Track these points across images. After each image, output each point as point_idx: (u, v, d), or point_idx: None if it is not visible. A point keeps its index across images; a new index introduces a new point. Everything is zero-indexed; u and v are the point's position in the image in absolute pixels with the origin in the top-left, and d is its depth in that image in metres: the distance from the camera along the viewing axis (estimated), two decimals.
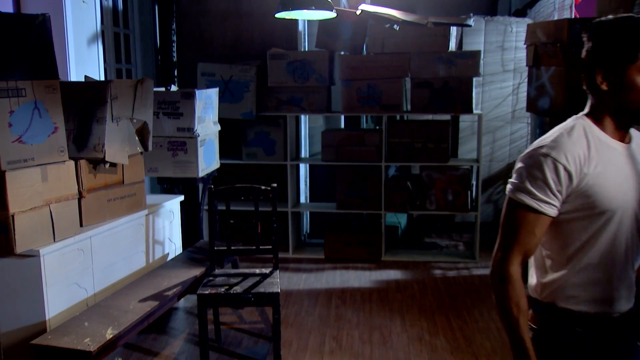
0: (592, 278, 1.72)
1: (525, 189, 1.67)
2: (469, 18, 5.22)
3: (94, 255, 3.53)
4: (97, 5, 4.47)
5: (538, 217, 1.67)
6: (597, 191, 1.65)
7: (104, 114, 3.48)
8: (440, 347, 3.83)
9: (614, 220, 1.68)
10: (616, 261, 1.71)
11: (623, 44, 1.60)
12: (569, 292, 1.74)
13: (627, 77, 1.61)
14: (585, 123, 1.71)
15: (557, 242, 1.75)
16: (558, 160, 1.64)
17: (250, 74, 5.43)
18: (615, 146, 1.70)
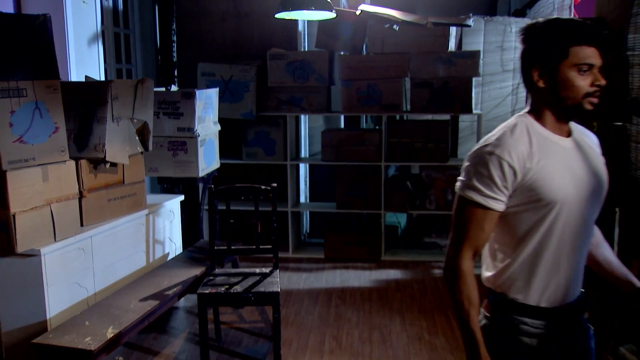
0: (540, 267, 1.77)
1: (473, 186, 1.74)
2: (468, 18, 5.23)
3: (94, 254, 3.54)
4: (98, 5, 4.48)
5: (486, 212, 1.74)
6: (540, 185, 1.71)
7: (105, 114, 3.49)
8: (440, 346, 3.84)
9: (559, 211, 1.73)
10: (563, 250, 1.77)
11: (554, 42, 1.69)
12: (519, 282, 1.80)
13: (561, 73, 1.70)
14: (527, 120, 1.79)
15: (505, 234, 1.81)
16: (502, 157, 1.70)
17: (250, 74, 5.44)
18: (557, 140, 1.78)
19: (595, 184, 1.80)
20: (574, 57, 1.68)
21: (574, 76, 1.69)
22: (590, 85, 1.70)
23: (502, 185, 1.71)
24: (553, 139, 1.77)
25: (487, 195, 1.72)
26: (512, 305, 1.81)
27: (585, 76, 1.69)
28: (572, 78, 1.69)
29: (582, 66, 1.69)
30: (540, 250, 1.76)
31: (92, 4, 4.41)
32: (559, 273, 1.78)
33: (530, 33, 1.76)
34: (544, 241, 1.76)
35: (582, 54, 1.68)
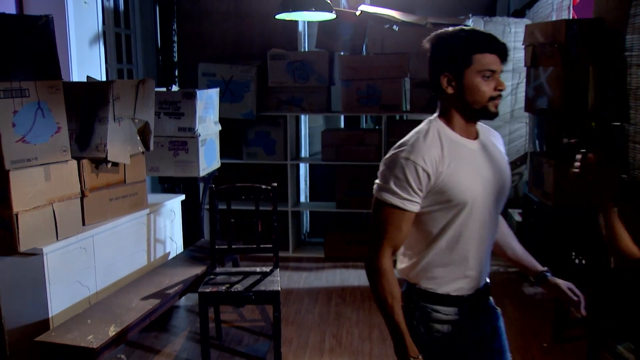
0: (451, 260, 1.91)
1: (390, 189, 1.83)
2: (467, 19, 5.26)
3: (96, 253, 3.57)
4: (99, 5, 4.51)
5: (403, 214, 1.84)
6: (451, 186, 1.83)
7: (106, 114, 3.52)
8: None
9: (468, 210, 1.86)
10: (472, 244, 1.91)
11: (459, 51, 1.81)
12: (431, 273, 1.93)
13: (466, 79, 1.82)
14: (438, 125, 1.90)
15: (419, 232, 1.93)
16: (417, 162, 1.80)
17: (250, 74, 5.47)
18: (465, 143, 1.90)
19: (500, 182, 1.95)
20: (477, 64, 1.80)
21: (478, 82, 1.81)
22: (494, 89, 1.83)
23: (417, 188, 1.82)
24: (462, 142, 1.90)
25: (404, 198, 1.82)
26: (425, 295, 1.94)
27: (489, 81, 1.82)
28: (477, 83, 1.81)
29: (485, 72, 1.81)
30: (451, 245, 1.90)
31: (93, 5, 4.44)
32: (468, 264, 1.93)
33: (438, 43, 1.87)
34: (455, 237, 1.89)
35: (485, 61, 1.80)
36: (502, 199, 1.98)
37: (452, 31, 1.87)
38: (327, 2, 3.69)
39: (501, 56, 1.85)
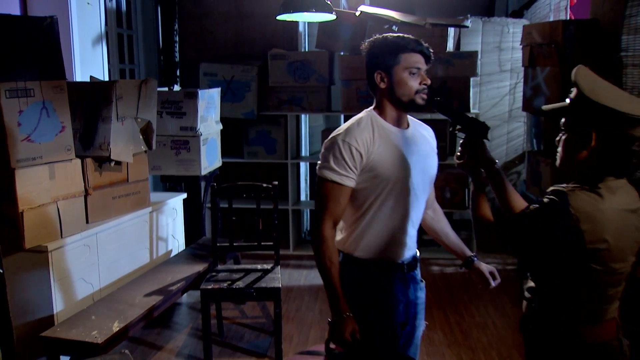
0: (379, 231, 2.20)
1: (330, 167, 2.14)
2: (466, 19, 5.30)
3: (99, 251, 3.62)
4: (102, 6, 4.56)
5: (341, 188, 2.14)
6: (379, 165, 2.14)
7: (110, 113, 3.57)
8: (438, 341, 3.92)
9: (394, 187, 2.16)
10: (397, 218, 2.20)
11: (389, 52, 2.13)
12: (362, 243, 2.22)
13: (395, 75, 2.14)
14: (372, 115, 2.21)
15: (353, 205, 2.21)
16: (351, 144, 2.12)
17: (251, 74, 5.52)
18: (395, 131, 2.20)
19: (424, 167, 2.26)
20: (404, 62, 2.12)
21: (406, 77, 2.13)
22: (419, 84, 2.14)
23: (352, 166, 2.13)
24: (392, 130, 2.20)
25: (341, 174, 2.13)
26: (357, 262, 2.24)
27: (415, 77, 2.13)
28: (404, 79, 2.13)
29: (411, 69, 2.13)
30: (379, 218, 2.19)
31: (96, 6, 4.49)
32: (394, 236, 2.21)
33: (372, 46, 2.19)
34: (382, 211, 2.18)
35: (411, 60, 2.13)
36: (426, 182, 2.29)
37: (384, 36, 2.19)
38: (327, 3, 3.73)
39: (425, 56, 2.16)
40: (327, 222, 2.15)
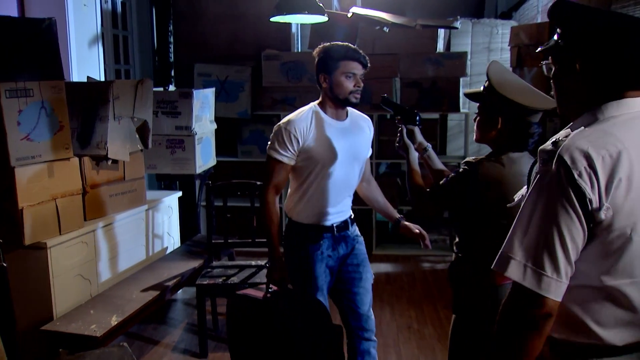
0: (316, 201, 2.74)
1: (274, 148, 2.67)
2: (455, 20, 5.41)
3: (97, 247, 3.68)
4: (98, 8, 4.63)
5: (282, 165, 2.68)
6: (312, 149, 2.65)
7: (107, 112, 3.64)
8: (428, 335, 4.01)
9: (324, 167, 2.68)
10: (330, 191, 2.72)
11: (331, 58, 2.62)
12: (303, 210, 2.77)
13: (335, 78, 2.62)
14: (315, 108, 2.72)
15: (294, 180, 2.79)
16: (290, 131, 2.64)
17: (245, 74, 5.61)
18: (331, 122, 2.71)
19: (354, 151, 2.76)
20: (342, 68, 2.61)
21: (343, 80, 2.61)
22: (354, 86, 2.62)
23: (291, 148, 2.65)
24: (328, 121, 2.70)
25: (282, 154, 2.65)
26: (299, 226, 2.79)
27: (350, 80, 2.62)
28: (341, 81, 2.61)
29: (348, 74, 2.61)
30: (315, 190, 2.72)
31: (92, 7, 4.56)
32: (328, 204, 2.74)
33: (319, 52, 2.68)
34: (317, 185, 2.71)
35: (348, 66, 2.61)
36: (356, 164, 2.80)
37: (330, 44, 2.67)
38: (319, 5, 3.82)
39: (362, 63, 2.64)
40: (270, 190, 2.72)
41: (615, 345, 1.38)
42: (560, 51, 1.47)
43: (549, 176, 1.32)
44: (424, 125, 2.73)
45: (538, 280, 1.31)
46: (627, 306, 1.36)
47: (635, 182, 1.30)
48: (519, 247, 1.34)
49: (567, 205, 1.29)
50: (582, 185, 1.28)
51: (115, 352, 2.79)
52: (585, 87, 1.43)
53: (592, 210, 1.29)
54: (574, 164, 1.29)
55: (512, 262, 1.34)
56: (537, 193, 1.35)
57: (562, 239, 1.30)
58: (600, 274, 1.35)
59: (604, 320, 1.37)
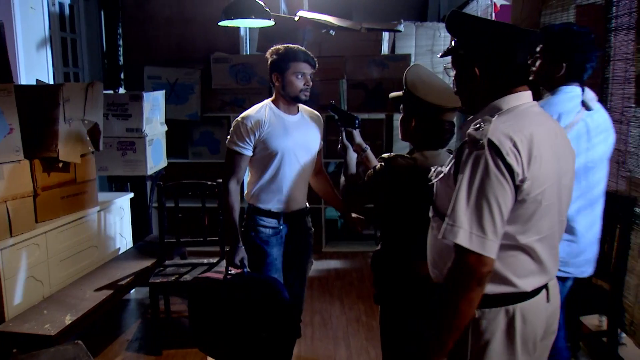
0: (273, 187, 2.99)
1: (233, 141, 2.93)
2: (399, 24, 5.60)
3: (49, 249, 3.70)
4: (45, 11, 4.63)
5: (241, 156, 2.94)
6: (268, 141, 2.91)
7: (57, 115, 3.66)
8: (376, 327, 4.15)
9: (280, 157, 2.94)
10: (284, 180, 2.98)
11: (283, 60, 2.86)
12: (260, 197, 3.02)
13: (286, 77, 2.89)
14: (269, 104, 2.99)
15: (253, 170, 3.03)
16: (247, 124, 2.90)
17: (195, 77, 5.68)
18: (284, 116, 2.98)
19: (305, 143, 3.03)
20: (293, 69, 2.87)
21: (294, 79, 2.88)
22: (304, 85, 2.89)
23: (248, 140, 2.90)
24: (281, 115, 2.97)
25: (241, 146, 2.91)
26: (256, 210, 3.04)
27: (300, 79, 2.89)
28: (292, 81, 2.88)
29: (297, 74, 2.88)
30: (271, 179, 2.97)
31: (39, 10, 4.56)
32: (282, 192, 3.00)
33: (272, 54, 2.90)
34: (273, 174, 2.96)
35: (298, 67, 2.87)
36: (308, 155, 3.06)
37: (282, 47, 2.89)
38: (266, 10, 3.95)
39: (310, 64, 2.90)
40: (231, 180, 2.96)
41: (526, 291, 1.71)
42: (460, 59, 1.79)
43: (482, 156, 1.58)
44: (370, 126, 2.98)
45: (482, 243, 1.57)
46: (535, 259, 1.70)
47: (544, 157, 1.62)
48: (464, 218, 1.59)
49: (500, 178, 1.57)
50: (510, 162, 1.57)
51: (70, 350, 2.84)
52: (483, 86, 1.76)
53: (518, 181, 1.59)
54: (502, 145, 1.57)
55: (460, 231, 1.58)
56: (473, 170, 1.60)
57: (499, 207, 1.58)
58: (517, 234, 1.66)
59: (519, 271, 1.69)
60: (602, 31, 3.35)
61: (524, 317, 1.70)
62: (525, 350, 1.73)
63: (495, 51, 1.72)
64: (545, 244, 1.71)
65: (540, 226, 1.68)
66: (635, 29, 3.06)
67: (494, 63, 1.73)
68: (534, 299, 1.73)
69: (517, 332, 1.70)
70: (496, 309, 1.70)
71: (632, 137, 3.08)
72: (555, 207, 1.71)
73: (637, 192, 3.06)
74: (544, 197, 1.65)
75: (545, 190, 1.64)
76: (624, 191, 3.21)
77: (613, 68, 3.30)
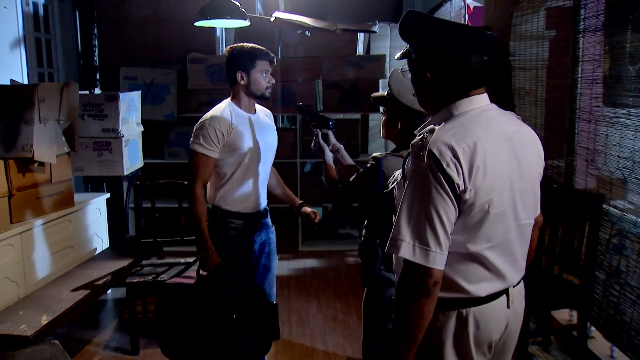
0: (239, 189, 2.98)
1: (199, 143, 2.86)
2: (374, 25, 5.66)
3: (24, 250, 3.68)
4: (19, 10, 4.60)
5: (207, 158, 2.88)
6: (237, 142, 2.90)
7: (32, 115, 3.66)
8: (353, 324, 4.23)
9: (245, 157, 2.94)
10: (250, 179, 3.00)
11: (248, 58, 2.89)
12: (227, 199, 2.99)
13: (252, 75, 2.91)
14: (231, 104, 2.97)
15: (217, 171, 2.96)
16: (215, 126, 2.85)
17: (171, 77, 5.68)
18: (247, 116, 2.99)
19: (268, 141, 3.07)
20: (259, 67, 2.90)
21: (259, 77, 2.92)
22: (268, 82, 2.95)
23: (216, 142, 2.86)
24: (245, 115, 2.98)
25: (208, 148, 2.85)
26: (223, 212, 3.01)
27: (265, 77, 2.93)
28: (258, 78, 2.92)
29: (263, 72, 2.92)
30: (236, 180, 2.96)
31: (13, 9, 4.53)
32: (249, 192, 3.02)
33: (235, 52, 2.92)
34: (239, 175, 2.95)
35: (263, 65, 2.92)
36: (270, 152, 3.11)
37: (243, 45, 2.92)
38: (241, 10, 3.97)
39: (272, 63, 2.95)
40: (198, 184, 2.88)
41: (480, 296, 1.70)
42: (413, 63, 1.76)
43: (423, 168, 1.57)
44: (346, 125, 3.02)
45: (425, 255, 1.56)
46: (487, 265, 1.69)
47: (488, 166, 1.59)
48: (406, 231, 1.58)
49: (440, 190, 1.55)
50: (450, 173, 1.54)
51: (46, 350, 2.84)
52: (436, 91, 1.73)
53: (459, 192, 1.56)
54: (442, 156, 1.55)
55: (403, 244, 1.57)
56: (415, 183, 1.60)
57: (440, 219, 1.56)
58: (466, 242, 1.64)
59: (470, 278, 1.69)
60: (571, 33, 3.44)
61: (477, 322, 1.71)
62: (480, 352, 1.75)
63: (446, 55, 1.68)
64: (498, 251, 1.70)
65: (491, 234, 1.66)
66: (603, 31, 3.15)
67: (445, 67, 1.69)
68: (490, 304, 1.73)
69: (470, 335, 1.71)
70: (450, 312, 1.71)
71: (599, 136, 3.16)
72: (510, 213, 1.69)
73: (605, 190, 3.14)
74: (492, 205, 1.62)
75: (493, 198, 1.62)
76: (592, 189, 3.29)
77: (582, 69, 3.38)
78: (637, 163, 2.81)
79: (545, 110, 3.83)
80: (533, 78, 3.94)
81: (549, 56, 3.76)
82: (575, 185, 3.47)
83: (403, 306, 1.62)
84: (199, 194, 2.88)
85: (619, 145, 2.95)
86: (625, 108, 2.92)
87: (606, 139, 3.09)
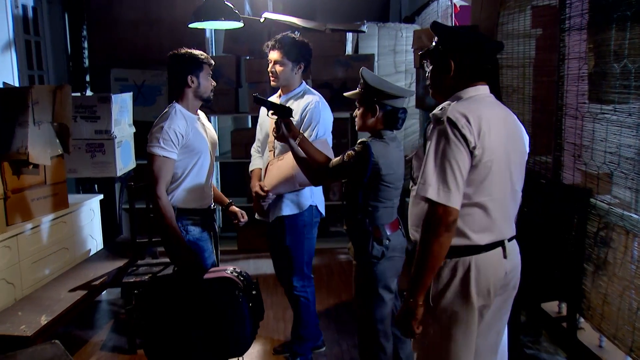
0: (193, 187, 3.14)
1: (159, 146, 2.98)
2: (363, 24, 5.73)
3: (20, 251, 3.71)
4: (9, 13, 4.61)
5: (168, 160, 3.01)
6: (193, 142, 3.07)
7: (26, 118, 3.68)
8: (347, 321, 4.29)
9: (201, 156, 3.13)
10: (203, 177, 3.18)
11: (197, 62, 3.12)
12: (184, 198, 3.13)
13: (201, 78, 3.13)
14: (179, 107, 3.12)
15: (175, 172, 3.07)
16: (175, 129, 2.99)
17: (162, 78, 5.71)
18: (194, 118, 3.17)
19: (214, 138, 3.29)
20: (206, 71, 3.13)
21: (206, 81, 3.13)
22: (211, 85, 3.17)
23: (175, 144, 3.00)
24: (194, 117, 3.17)
25: (169, 150, 2.99)
26: (182, 211, 3.12)
27: (210, 81, 3.17)
28: (206, 82, 3.14)
29: (209, 75, 3.14)
30: (192, 179, 3.12)
31: (3, 12, 4.54)
32: (203, 188, 3.20)
33: (184, 57, 3.14)
34: (194, 174, 3.12)
35: (208, 70, 3.13)
36: (215, 149, 3.31)
37: (190, 51, 3.16)
38: (235, 12, 4.02)
39: (211, 67, 3.17)
40: (161, 185, 3.01)
41: (481, 244, 2.11)
42: (439, 54, 2.20)
43: (443, 129, 2.00)
44: (336, 124, 3.14)
45: (448, 197, 1.97)
46: (488, 214, 2.10)
47: (492, 134, 2.03)
48: (432, 177, 1.99)
49: (458, 144, 1.98)
50: (464, 133, 1.98)
51: (47, 349, 2.88)
52: (454, 79, 2.18)
53: (471, 148, 1.99)
54: (458, 120, 1.99)
55: (430, 187, 1.98)
56: (437, 140, 2.01)
57: (459, 167, 1.98)
58: (473, 194, 2.06)
59: (474, 227, 2.10)
60: (557, 31, 3.51)
61: (478, 267, 2.10)
62: (480, 295, 2.12)
63: (468, 48, 2.16)
64: (497, 205, 2.10)
65: (492, 189, 2.08)
66: (587, 30, 3.23)
67: (466, 58, 2.15)
68: (489, 253, 2.12)
69: (472, 279, 2.09)
70: (456, 259, 2.10)
71: (586, 132, 3.24)
72: (506, 176, 2.12)
73: (592, 184, 3.21)
74: (494, 164, 2.04)
75: (494, 159, 2.04)
76: (580, 183, 3.36)
77: (567, 66, 3.45)
78: (622, 158, 2.88)
79: (532, 107, 3.90)
80: (520, 76, 4.01)
81: (535, 54, 3.83)
82: (563, 180, 3.53)
83: (428, 239, 2.00)
84: (163, 195, 3.02)
85: (605, 140, 3.02)
86: (610, 104, 2.99)
87: (592, 134, 3.16)
